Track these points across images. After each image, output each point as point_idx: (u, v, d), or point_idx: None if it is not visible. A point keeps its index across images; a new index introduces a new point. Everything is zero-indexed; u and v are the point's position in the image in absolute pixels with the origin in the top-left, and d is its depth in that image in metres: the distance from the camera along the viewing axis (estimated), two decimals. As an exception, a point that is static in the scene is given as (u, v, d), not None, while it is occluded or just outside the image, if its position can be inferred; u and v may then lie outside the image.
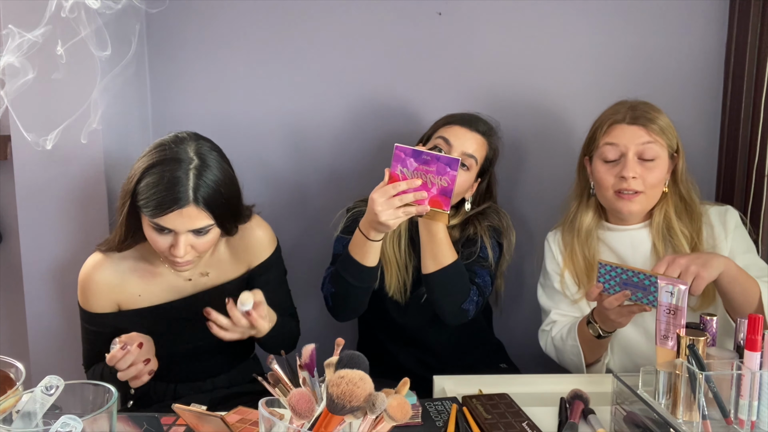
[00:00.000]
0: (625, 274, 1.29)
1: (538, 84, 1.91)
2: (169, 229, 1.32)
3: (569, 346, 1.53)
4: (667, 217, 1.53)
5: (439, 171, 1.34)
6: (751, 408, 1.06)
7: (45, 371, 0.91)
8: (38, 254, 1.67)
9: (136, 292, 1.46)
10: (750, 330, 1.06)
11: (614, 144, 1.49)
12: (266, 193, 1.93)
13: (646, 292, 1.28)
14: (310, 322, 1.95)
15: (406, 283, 1.66)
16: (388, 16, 1.88)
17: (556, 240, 1.65)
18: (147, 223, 1.34)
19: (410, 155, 1.35)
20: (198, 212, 1.32)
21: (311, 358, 0.94)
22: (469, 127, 1.60)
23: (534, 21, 1.88)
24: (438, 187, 1.35)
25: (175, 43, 1.88)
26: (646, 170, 1.48)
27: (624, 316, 1.37)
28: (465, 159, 1.56)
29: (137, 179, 1.33)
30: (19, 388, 0.86)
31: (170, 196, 1.29)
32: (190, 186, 1.30)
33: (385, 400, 0.80)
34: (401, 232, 1.65)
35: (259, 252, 1.53)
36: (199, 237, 1.35)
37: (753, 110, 1.75)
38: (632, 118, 1.50)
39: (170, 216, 1.30)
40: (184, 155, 1.33)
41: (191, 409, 1.11)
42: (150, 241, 1.37)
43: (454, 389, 1.34)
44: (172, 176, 1.30)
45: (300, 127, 1.94)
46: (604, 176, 1.51)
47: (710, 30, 1.87)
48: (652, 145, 1.47)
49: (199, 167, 1.32)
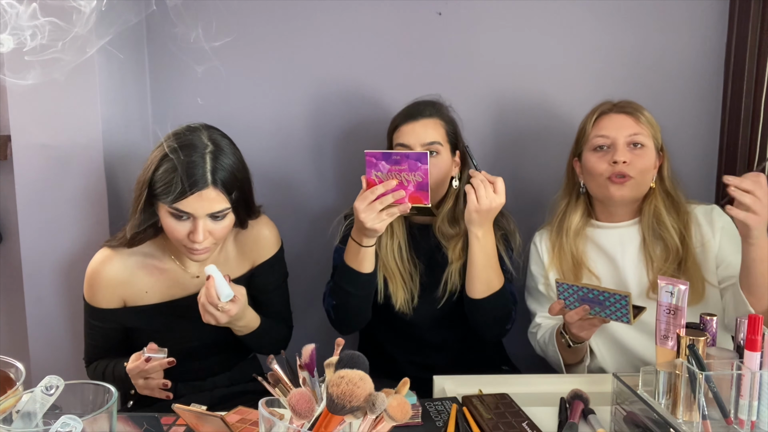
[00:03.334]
0: (581, 291, 1.35)
1: (538, 84, 1.91)
2: (188, 215, 1.35)
3: (550, 351, 1.56)
4: (656, 211, 1.56)
5: (411, 167, 1.40)
6: (751, 408, 1.06)
7: (45, 371, 0.91)
8: (38, 254, 1.67)
9: (143, 288, 1.47)
10: (750, 330, 1.06)
11: (604, 135, 1.54)
12: (268, 194, 1.92)
13: (602, 307, 1.34)
14: (310, 328, 1.96)
15: (413, 293, 1.63)
16: (388, 16, 1.88)
17: (542, 240, 1.66)
18: (165, 211, 1.37)
19: (381, 158, 1.41)
20: (216, 195, 1.35)
21: (311, 358, 0.94)
22: (414, 119, 1.60)
23: (534, 21, 1.88)
24: (414, 183, 1.41)
25: (175, 44, 1.88)
26: (636, 156, 1.51)
27: (585, 329, 1.42)
28: (429, 148, 1.56)
29: (154, 168, 1.36)
30: (19, 388, 0.86)
31: (189, 179, 1.33)
32: (208, 169, 1.34)
33: (385, 400, 0.80)
34: (399, 242, 1.64)
35: (265, 249, 1.56)
36: (216, 222, 1.38)
37: (753, 110, 1.75)
38: (619, 108, 1.57)
39: (190, 200, 1.33)
40: (199, 142, 1.37)
41: (191, 409, 1.11)
42: (168, 230, 1.39)
43: (454, 389, 1.34)
44: (190, 160, 1.34)
45: (300, 128, 1.94)
46: (595, 165, 1.54)
47: (710, 30, 1.87)
48: (639, 135, 1.52)
49: (214, 152, 1.36)
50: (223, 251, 1.53)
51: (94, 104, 1.62)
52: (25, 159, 1.63)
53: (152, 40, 1.89)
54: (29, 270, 1.68)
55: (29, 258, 1.68)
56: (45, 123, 1.61)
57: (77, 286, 1.65)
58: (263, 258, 1.56)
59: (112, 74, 1.69)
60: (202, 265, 1.48)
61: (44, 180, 1.64)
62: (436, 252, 1.65)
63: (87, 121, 1.62)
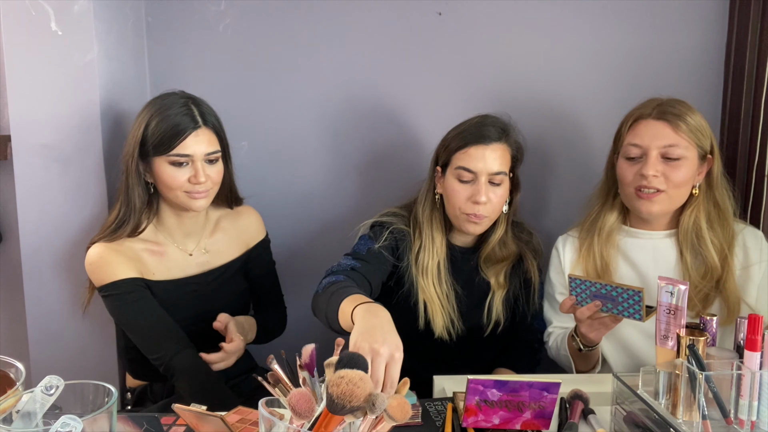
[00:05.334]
0: (594, 287, 1.32)
1: (538, 84, 1.91)
2: (186, 159, 1.44)
3: (563, 356, 1.54)
4: (696, 224, 1.46)
5: (534, 397, 1.12)
6: (751, 408, 1.06)
7: (45, 371, 0.91)
8: (38, 254, 1.67)
9: (151, 269, 1.52)
10: (750, 330, 1.06)
11: (637, 144, 1.44)
12: (260, 191, 1.92)
13: (615, 303, 1.30)
14: (308, 323, 1.95)
15: (452, 317, 1.58)
16: (388, 16, 1.88)
17: (565, 246, 1.60)
18: (163, 164, 1.45)
19: (491, 386, 1.12)
20: (209, 135, 1.47)
21: (311, 358, 0.94)
22: (484, 142, 1.50)
23: (534, 22, 1.88)
24: (533, 411, 1.13)
25: (175, 44, 1.88)
26: (670, 168, 1.42)
27: (595, 329, 1.37)
28: (494, 178, 1.50)
29: (143, 128, 1.45)
30: (19, 388, 0.86)
31: (183, 122, 1.44)
32: (196, 113, 1.46)
33: (385, 400, 0.80)
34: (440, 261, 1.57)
35: (255, 233, 1.69)
36: (212, 166, 1.49)
37: (753, 110, 1.74)
38: (659, 113, 1.44)
39: (188, 141, 1.44)
40: (177, 98, 1.49)
41: (191, 409, 1.11)
42: (168, 182, 1.46)
43: (454, 389, 1.34)
44: (178, 110, 1.45)
45: (297, 128, 1.94)
46: (625, 172, 1.46)
47: (710, 30, 1.87)
48: (675, 148, 1.41)
49: (195, 101, 1.50)
50: (214, 236, 1.62)
51: (94, 104, 1.62)
52: (25, 159, 1.63)
53: (152, 40, 1.89)
54: (29, 270, 1.68)
55: (29, 257, 1.67)
56: (45, 123, 1.61)
57: (77, 286, 1.65)
58: (256, 240, 1.68)
59: (113, 74, 1.69)
60: (198, 242, 1.58)
61: (44, 180, 1.64)
62: (476, 275, 1.63)
63: (87, 121, 1.62)
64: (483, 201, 1.49)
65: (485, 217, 1.52)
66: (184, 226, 1.57)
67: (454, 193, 1.52)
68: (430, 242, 1.57)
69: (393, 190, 1.85)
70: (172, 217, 1.55)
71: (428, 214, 1.59)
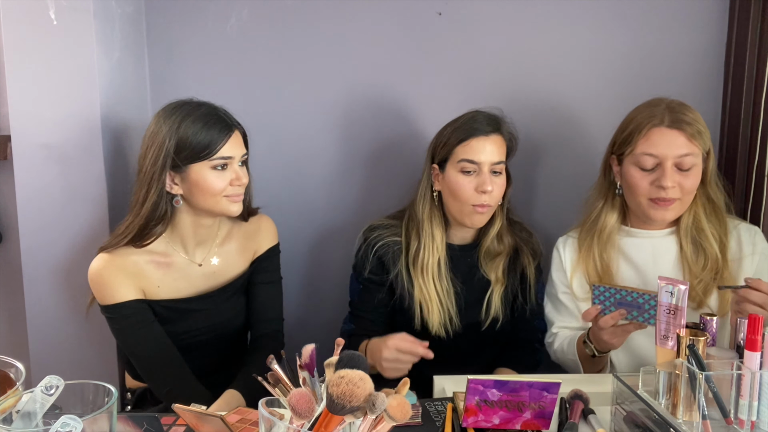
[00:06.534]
0: (619, 294, 1.32)
1: (538, 84, 1.91)
2: (226, 162, 1.42)
3: (569, 360, 1.54)
4: (696, 218, 1.49)
5: (534, 397, 1.12)
6: (751, 408, 1.06)
7: (45, 371, 0.91)
8: (38, 254, 1.67)
9: (155, 283, 1.47)
10: (750, 330, 1.06)
11: (653, 154, 1.43)
12: (264, 191, 1.92)
13: (641, 311, 1.30)
14: (308, 322, 1.96)
15: (451, 313, 1.59)
16: (388, 16, 1.88)
17: (566, 246, 1.61)
18: (204, 170, 1.40)
19: (491, 386, 1.13)
20: (240, 138, 1.46)
21: (311, 358, 0.94)
22: (485, 134, 1.53)
23: (534, 21, 1.88)
24: (533, 411, 1.13)
25: (175, 44, 1.88)
26: (683, 177, 1.43)
27: (618, 336, 1.38)
28: (495, 167, 1.54)
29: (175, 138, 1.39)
30: (19, 388, 0.86)
31: (221, 126, 1.41)
32: (225, 116, 1.44)
33: (385, 400, 0.80)
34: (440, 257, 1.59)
35: (266, 238, 1.61)
36: (243, 168, 1.47)
37: (753, 110, 1.74)
38: (672, 121, 1.43)
39: (229, 142, 1.42)
40: (198, 105, 1.44)
41: (191, 409, 1.11)
42: (208, 188, 1.41)
43: (454, 389, 1.34)
44: (210, 115, 1.42)
45: (297, 128, 1.94)
46: (638, 182, 1.46)
47: (710, 30, 1.87)
48: (689, 156, 1.42)
49: (214, 105, 1.46)
50: (225, 245, 1.55)
51: (95, 104, 1.62)
52: (25, 159, 1.63)
53: (152, 41, 1.89)
54: (29, 270, 1.68)
55: (29, 258, 1.67)
56: (45, 123, 1.62)
57: (77, 286, 1.65)
58: (265, 247, 1.60)
59: (113, 75, 1.69)
60: (208, 251, 1.52)
61: (44, 180, 1.64)
62: (475, 272, 1.63)
63: (87, 121, 1.62)
64: (489, 189, 1.52)
65: (490, 206, 1.55)
66: (199, 234, 1.50)
67: (460, 186, 1.54)
68: (431, 240, 1.58)
69: (395, 188, 1.87)
70: (188, 227, 1.48)
71: (428, 211, 1.60)
